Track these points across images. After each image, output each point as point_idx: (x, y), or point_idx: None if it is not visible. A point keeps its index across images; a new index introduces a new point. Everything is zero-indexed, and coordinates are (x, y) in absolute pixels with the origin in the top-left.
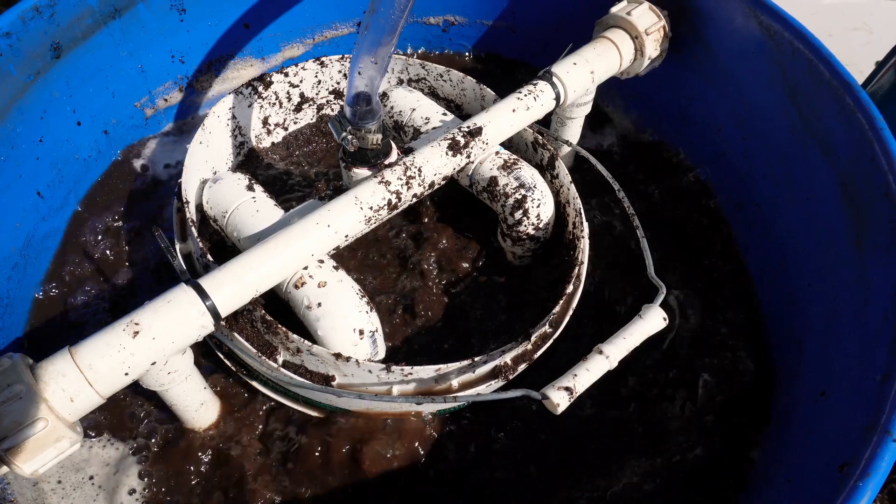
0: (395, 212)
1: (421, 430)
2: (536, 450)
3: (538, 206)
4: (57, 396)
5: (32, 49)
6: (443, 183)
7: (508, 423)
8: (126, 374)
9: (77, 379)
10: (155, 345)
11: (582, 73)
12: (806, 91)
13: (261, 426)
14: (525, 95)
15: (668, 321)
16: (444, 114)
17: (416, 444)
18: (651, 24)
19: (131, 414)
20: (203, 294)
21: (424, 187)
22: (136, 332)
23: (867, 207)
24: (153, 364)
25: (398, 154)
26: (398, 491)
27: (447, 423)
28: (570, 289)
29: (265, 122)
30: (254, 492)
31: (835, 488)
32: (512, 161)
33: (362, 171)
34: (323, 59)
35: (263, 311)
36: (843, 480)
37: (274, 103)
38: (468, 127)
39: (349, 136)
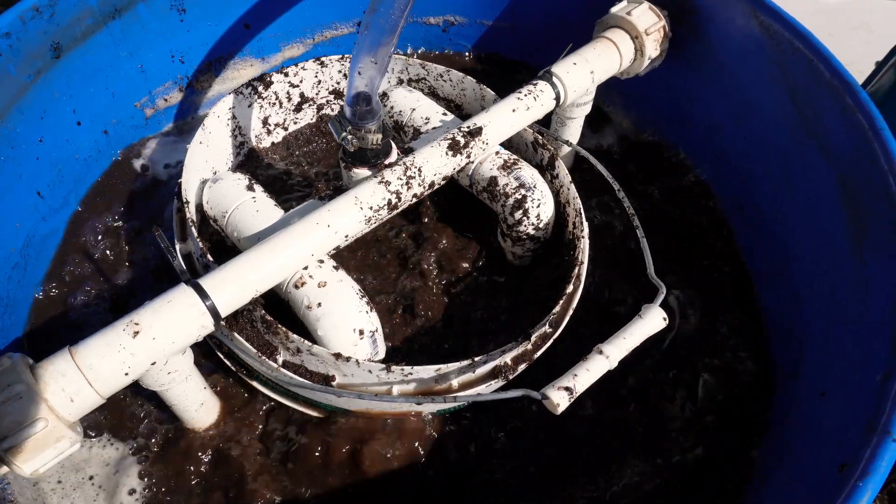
0: (395, 212)
1: (421, 430)
2: (536, 450)
3: (538, 206)
4: (57, 396)
5: (32, 49)
6: (443, 183)
7: (508, 423)
8: (126, 374)
9: (77, 379)
10: (155, 345)
11: (582, 73)
12: (806, 91)
13: (261, 426)
14: (525, 95)
15: (668, 321)
16: (445, 114)
17: (417, 445)
18: (651, 24)
19: (131, 413)
20: (203, 294)
21: (424, 187)
22: (137, 332)
23: (867, 208)
24: (153, 364)
25: (398, 154)
26: (398, 491)
27: (447, 424)
28: (570, 289)
29: (265, 122)
30: (253, 492)
31: (835, 488)
32: (512, 161)
33: (362, 171)
34: (323, 58)
35: (263, 311)
36: (844, 480)
37: (274, 103)
38: (468, 127)
39: (349, 136)
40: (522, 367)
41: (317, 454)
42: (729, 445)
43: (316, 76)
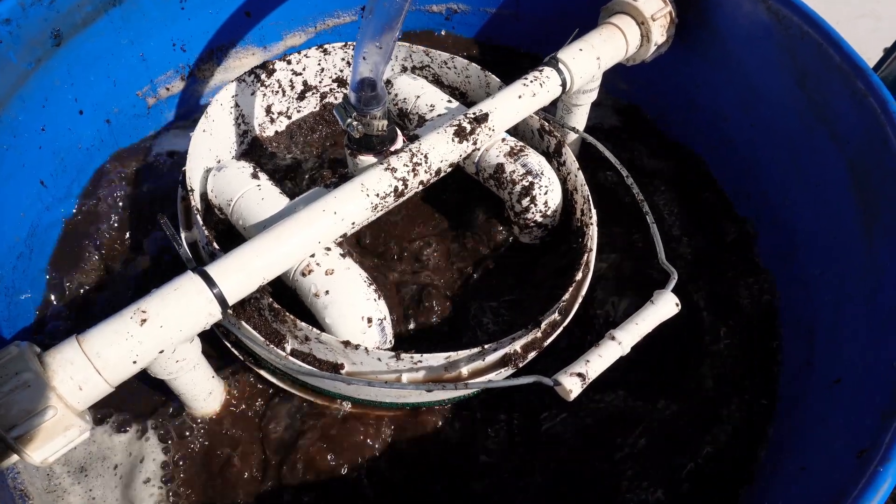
0: (402, 199)
1: (431, 422)
2: (539, 450)
3: (546, 193)
4: (65, 385)
5: (33, 36)
6: (449, 170)
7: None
8: (134, 362)
9: (85, 367)
10: (163, 333)
11: (588, 60)
12: (815, 76)
13: (269, 414)
14: (531, 82)
15: (680, 307)
16: (449, 101)
17: (425, 436)
18: (657, 10)
19: (141, 400)
20: (210, 282)
21: (431, 174)
22: (144, 320)
23: (878, 191)
24: (161, 352)
25: (404, 141)
26: (406, 482)
27: (457, 418)
28: (579, 276)
29: (268, 110)
30: (262, 480)
31: (854, 474)
32: (519, 148)
33: (368, 158)
34: (326, 46)
35: (271, 299)
36: (863, 466)
37: (277, 91)
38: (474, 113)
39: (354, 123)
40: (532, 354)
41: (324, 443)
42: (736, 437)
43: (319, 64)
